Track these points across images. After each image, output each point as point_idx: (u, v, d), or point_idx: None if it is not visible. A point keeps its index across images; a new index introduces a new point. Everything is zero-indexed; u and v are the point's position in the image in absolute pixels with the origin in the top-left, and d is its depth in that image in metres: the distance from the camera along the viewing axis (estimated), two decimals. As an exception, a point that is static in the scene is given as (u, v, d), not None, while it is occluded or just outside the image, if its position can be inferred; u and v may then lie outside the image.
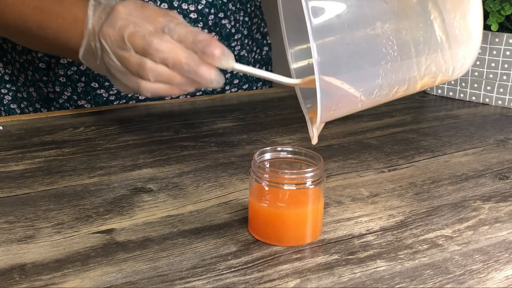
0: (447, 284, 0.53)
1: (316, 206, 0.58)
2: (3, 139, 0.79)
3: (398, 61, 0.56)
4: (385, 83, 0.57)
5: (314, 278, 0.53)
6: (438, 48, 0.59)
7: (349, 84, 0.56)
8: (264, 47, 1.12)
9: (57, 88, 0.96)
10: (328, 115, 0.58)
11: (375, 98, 0.58)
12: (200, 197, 0.66)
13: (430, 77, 0.60)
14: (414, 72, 0.58)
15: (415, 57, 0.58)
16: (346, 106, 0.59)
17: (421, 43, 0.58)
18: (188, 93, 1.01)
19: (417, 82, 0.60)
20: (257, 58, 1.10)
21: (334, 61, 0.55)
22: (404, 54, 0.57)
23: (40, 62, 0.96)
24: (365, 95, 0.57)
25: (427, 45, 0.58)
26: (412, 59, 0.58)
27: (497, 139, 0.86)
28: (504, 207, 0.66)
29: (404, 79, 0.58)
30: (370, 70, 0.56)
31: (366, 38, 0.56)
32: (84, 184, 0.68)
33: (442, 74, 0.61)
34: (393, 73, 0.57)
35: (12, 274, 0.52)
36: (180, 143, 0.81)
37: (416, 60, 0.58)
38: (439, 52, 0.59)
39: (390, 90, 0.58)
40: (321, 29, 0.53)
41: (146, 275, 0.52)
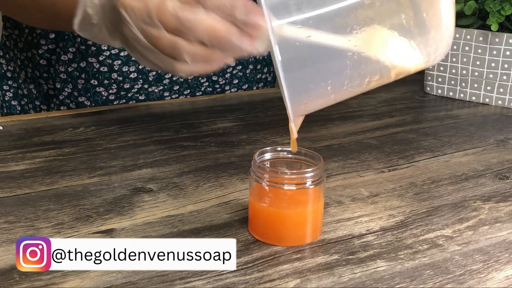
0: (447, 284, 0.53)
1: (316, 206, 0.58)
2: (3, 139, 0.79)
3: (364, 52, 0.56)
4: (355, 73, 0.56)
5: (314, 278, 0.53)
6: (406, 35, 0.58)
7: (316, 77, 0.55)
8: None
9: (57, 85, 0.96)
10: (300, 109, 0.57)
11: (347, 89, 0.57)
12: (200, 197, 0.66)
13: (402, 65, 0.60)
14: (382, 60, 0.58)
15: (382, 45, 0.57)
16: (318, 99, 0.58)
17: (387, 30, 0.57)
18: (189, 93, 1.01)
19: (390, 70, 0.59)
20: (258, 58, 1.10)
21: (298, 55, 0.54)
22: (370, 43, 0.56)
23: (41, 59, 0.96)
24: (334, 87, 0.56)
25: (394, 32, 0.57)
26: (380, 47, 0.57)
27: (497, 139, 0.86)
28: (504, 207, 0.66)
29: (375, 69, 0.58)
30: (336, 61, 0.56)
31: (328, 29, 0.55)
32: (84, 184, 0.68)
33: (412, 65, 0.60)
34: (362, 63, 0.56)
35: (12, 274, 0.52)
36: (180, 143, 0.81)
37: (383, 48, 0.57)
38: (407, 39, 0.58)
39: (362, 81, 0.57)
40: (281, 26, 0.53)
41: (146, 275, 0.52)
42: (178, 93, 1.00)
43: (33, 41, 0.95)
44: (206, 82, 1.01)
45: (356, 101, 1.00)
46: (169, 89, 0.98)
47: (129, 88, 0.96)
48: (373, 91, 1.08)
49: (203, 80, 1.01)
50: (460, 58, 1.00)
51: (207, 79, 1.01)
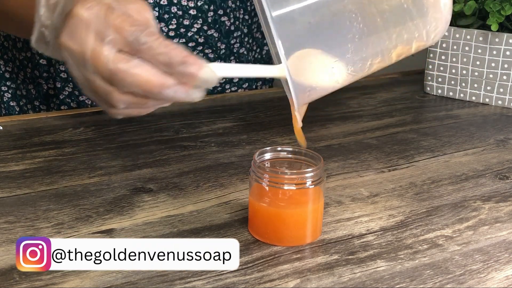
0: (447, 284, 0.53)
1: (316, 206, 0.58)
2: (3, 139, 0.79)
3: (366, 33, 0.56)
4: (357, 57, 0.57)
5: (314, 278, 0.53)
6: (406, 15, 0.58)
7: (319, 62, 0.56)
8: (265, 46, 1.12)
9: (57, 84, 0.96)
10: (305, 97, 0.57)
11: (351, 74, 0.58)
12: (200, 197, 0.66)
13: (404, 45, 0.60)
14: (385, 42, 0.58)
15: (383, 27, 0.57)
16: (322, 87, 0.58)
17: (386, 11, 0.57)
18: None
19: (391, 52, 0.59)
20: (257, 57, 1.10)
21: (299, 43, 0.54)
22: (370, 25, 0.56)
23: (40, 59, 0.96)
24: (338, 71, 0.57)
25: (392, 13, 0.57)
26: (380, 29, 0.57)
27: (497, 139, 0.86)
28: (504, 207, 0.66)
29: (376, 51, 0.58)
30: (338, 46, 0.56)
31: (328, 15, 0.55)
32: (84, 184, 0.68)
33: (416, 40, 0.60)
34: (363, 46, 0.56)
35: (12, 274, 0.52)
36: (180, 143, 0.81)
37: (385, 30, 0.57)
38: (407, 18, 0.58)
39: (364, 64, 0.58)
40: (281, 13, 0.53)
41: (146, 275, 0.52)
42: None
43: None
44: None
45: (356, 101, 1.01)
46: None
47: None
48: (373, 90, 1.08)
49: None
50: (460, 58, 1.00)
51: None
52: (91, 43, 0.56)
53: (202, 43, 0.97)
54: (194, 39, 0.95)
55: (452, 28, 0.99)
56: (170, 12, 0.92)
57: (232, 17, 0.99)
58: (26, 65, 0.98)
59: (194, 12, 0.94)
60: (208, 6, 0.95)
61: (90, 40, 0.56)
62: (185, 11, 0.93)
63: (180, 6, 0.93)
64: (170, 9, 0.92)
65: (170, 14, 0.92)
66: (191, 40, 0.95)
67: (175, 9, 0.92)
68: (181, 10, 0.93)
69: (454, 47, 1.00)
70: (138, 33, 0.55)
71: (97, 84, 0.57)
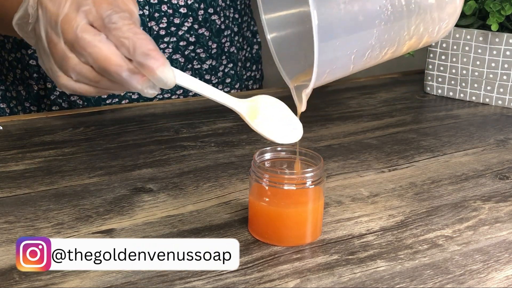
0: (447, 284, 0.53)
1: (316, 206, 0.58)
2: (3, 139, 0.79)
3: (391, 20, 0.57)
4: (377, 43, 0.57)
5: (314, 278, 0.53)
6: (427, 7, 0.59)
7: (345, 45, 0.56)
8: (254, 46, 1.12)
9: (48, 85, 0.95)
10: (321, 79, 0.57)
11: (366, 60, 0.58)
12: (200, 197, 0.66)
13: (417, 37, 0.61)
14: (404, 32, 0.58)
15: (406, 16, 0.58)
16: (340, 68, 0.58)
17: (412, 2, 0.58)
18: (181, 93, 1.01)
19: (406, 42, 0.60)
20: (248, 56, 1.10)
21: (330, 22, 0.54)
22: (397, 13, 0.57)
23: (30, 59, 0.95)
24: (357, 56, 0.57)
25: (417, 4, 0.58)
26: (404, 18, 0.58)
27: (497, 139, 0.86)
28: (504, 207, 0.66)
29: (394, 40, 0.59)
30: (365, 30, 0.56)
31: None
32: (84, 184, 0.68)
33: (428, 34, 0.61)
34: (386, 32, 0.57)
35: (12, 274, 0.52)
36: (180, 143, 0.81)
37: (407, 20, 0.58)
38: (427, 11, 0.59)
39: (381, 51, 0.58)
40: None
41: (146, 275, 0.52)
42: (171, 92, 1.00)
43: (22, 41, 0.94)
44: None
45: (356, 101, 1.01)
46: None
47: None
48: (373, 90, 1.08)
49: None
50: (460, 58, 1.00)
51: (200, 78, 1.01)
52: (67, 8, 0.57)
53: (194, 43, 0.97)
54: (185, 38, 0.95)
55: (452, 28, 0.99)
56: (161, 10, 0.92)
57: (222, 16, 0.99)
58: (16, 66, 0.97)
59: (184, 10, 0.94)
60: (198, 4, 0.95)
61: (67, 5, 0.58)
62: (175, 10, 0.93)
63: (170, 4, 0.93)
64: (161, 8, 0.92)
65: (160, 12, 0.92)
66: (182, 39, 0.95)
67: (165, 8, 0.92)
68: (171, 9, 0.92)
69: (454, 47, 1.00)
70: (113, 13, 0.56)
71: (59, 46, 0.58)
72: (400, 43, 0.59)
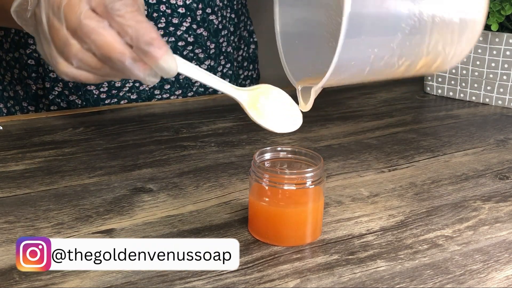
0: (447, 284, 0.53)
1: (316, 206, 0.58)
2: (3, 139, 0.79)
3: (416, 28, 0.56)
4: (398, 49, 0.57)
5: (314, 278, 0.53)
6: (450, 25, 0.59)
7: (367, 44, 0.55)
8: (251, 45, 1.12)
9: (47, 84, 0.95)
10: (335, 78, 0.56)
11: (382, 65, 0.57)
12: (200, 197, 0.66)
13: (433, 55, 0.60)
14: (424, 44, 0.58)
15: (430, 28, 0.57)
16: (356, 68, 0.57)
17: (437, 16, 0.57)
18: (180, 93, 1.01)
19: (422, 57, 0.59)
20: (245, 55, 1.10)
21: (361, 15, 0.53)
22: (422, 22, 0.56)
23: (29, 59, 0.95)
24: (376, 58, 0.56)
25: (442, 18, 0.58)
26: (427, 30, 0.57)
27: (497, 139, 0.86)
28: (504, 207, 0.66)
29: (414, 50, 0.58)
30: (390, 30, 0.56)
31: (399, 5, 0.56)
32: (84, 184, 0.68)
33: (443, 55, 0.60)
34: (408, 40, 0.56)
35: (12, 274, 0.52)
36: (180, 143, 0.81)
37: (430, 32, 0.57)
38: (449, 29, 0.59)
39: (398, 60, 0.57)
40: None
41: (146, 275, 0.52)
42: (169, 92, 1.00)
43: (21, 41, 0.95)
44: (198, 82, 1.01)
45: (356, 101, 1.01)
46: (159, 87, 0.98)
47: (120, 86, 0.96)
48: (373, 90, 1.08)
49: (194, 80, 1.01)
50: (460, 58, 1.00)
51: None
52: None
53: (192, 43, 0.97)
54: (184, 38, 0.95)
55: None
56: (159, 10, 0.92)
57: (219, 16, 0.99)
58: (14, 65, 0.97)
59: (183, 10, 0.94)
60: (196, 4, 0.95)
61: None
62: (174, 10, 0.93)
63: (169, 4, 0.93)
64: (159, 8, 0.92)
65: (159, 12, 0.92)
66: (180, 39, 0.95)
67: (164, 8, 0.92)
68: (170, 9, 0.93)
69: (454, 47, 1.00)
70: (115, 0, 0.55)
71: (61, 32, 0.57)
72: (417, 56, 0.58)
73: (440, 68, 0.63)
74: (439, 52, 0.60)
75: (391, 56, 0.57)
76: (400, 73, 0.60)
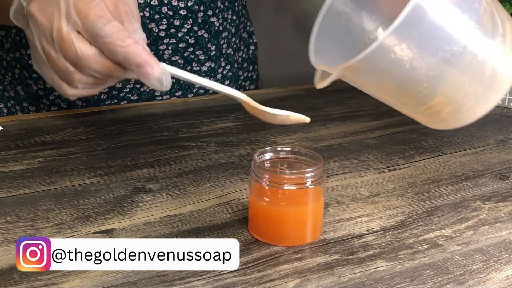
0: (447, 284, 0.53)
1: (316, 206, 0.58)
2: (3, 139, 0.79)
3: (456, 57, 0.54)
4: (423, 73, 0.54)
5: (314, 278, 0.53)
6: (482, 72, 0.56)
7: (402, 52, 0.53)
8: (251, 46, 1.12)
9: (47, 85, 0.95)
10: (351, 71, 0.55)
11: (407, 83, 0.55)
12: (200, 197, 0.66)
13: (450, 98, 0.57)
14: (454, 77, 0.55)
15: (466, 65, 0.55)
16: (385, 70, 0.55)
17: (479, 56, 0.55)
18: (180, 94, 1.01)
19: (435, 97, 0.56)
20: (245, 57, 1.10)
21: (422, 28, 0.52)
22: (464, 54, 0.54)
23: (29, 59, 0.95)
24: (411, 69, 0.54)
25: (479, 61, 0.55)
26: (463, 64, 0.55)
27: (497, 139, 0.86)
28: (504, 207, 0.66)
29: (435, 82, 0.56)
30: (434, 46, 0.53)
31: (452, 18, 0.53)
32: (84, 184, 0.68)
33: (456, 105, 0.57)
34: (441, 65, 0.54)
35: (12, 274, 0.52)
36: (180, 143, 0.81)
37: (462, 69, 0.55)
38: (479, 77, 0.56)
39: (421, 83, 0.55)
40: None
41: (146, 275, 0.52)
42: (170, 94, 1.00)
43: (22, 41, 0.95)
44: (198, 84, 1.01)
45: (356, 101, 1.01)
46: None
47: (121, 88, 0.96)
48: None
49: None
50: (460, 58, 1.00)
51: None
52: (59, 23, 0.57)
53: (193, 44, 0.97)
54: (185, 39, 0.95)
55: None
56: (161, 12, 0.92)
57: (220, 18, 0.99)
58: (14, 66, 0.97)
59: (184, 12, 0.94)
60: (198, 6, 0.95)
61: (60, 20, 0.57)
62: (175, 12, 0.93)
63: (171, 6, 0.93)
64: (161, 9, 0.92)
65: (161, 14, 0.92)
66: (181, 41, 0.95)
67: (166, 9, 0.92)
68: (171, 11, 0.92)
69: (454, 47, 1.00)
70: (100, 25, 0.56)
71: (59, 62, 0.59)
72: (427, 92, 0.56)
73: (448, 117, 0.60)
74: (457, 96, 0.57)
75: (413, 79, 0.55)
76: (416, 102, 0.58)
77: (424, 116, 0.60)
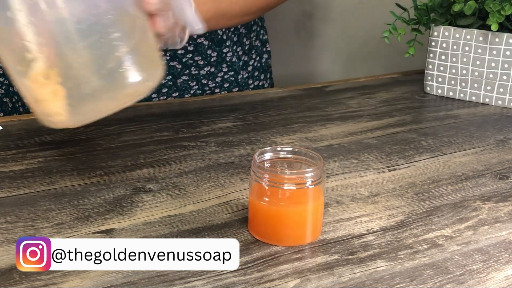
0: (447, 284, 0.53)
1: (316, 206, 0.58)
2: (3, 139, 0.79)
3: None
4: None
5: (314, 278, 0.53)
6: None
7: None
8: (264, 55, 1.12)
9: None
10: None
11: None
12: (200, 197, 0.66)
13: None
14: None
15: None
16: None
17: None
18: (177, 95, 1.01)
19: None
20: (256, 65, 1.10)
21: None
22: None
23: None
24: None
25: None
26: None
27: (497, 139, 0.86)
28: (504, 207, 0.66)
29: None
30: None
31: None
32: (84, 184, 0.68)
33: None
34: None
35: (12, 274, 0.52)
36: (180, 143, 0.81)
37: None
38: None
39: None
40: None
41: (146, 275, 0.52)
42: (167, 95, 1.00)
43: None
44: (196, 85, 1.01)
45: (356, 101, 1.01)
46: (157, 91, 0.98)
47: None
48: (373, 91, 1.08)
49: (192, 84, 1.01)
50: (460, 58, 1.00)
51: (197, 83, 1.01)
52: None
53: (192, 51, 0.97)
54: (184, 47, 0.95)
55: (452, 28, 0.99)
56: None
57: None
58: None
59: None
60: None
61: None
62: None
63: None
64: None
65: None
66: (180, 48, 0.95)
67: None
68: None
69: (454, 47, 1.00)
70: None
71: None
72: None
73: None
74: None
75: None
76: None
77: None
